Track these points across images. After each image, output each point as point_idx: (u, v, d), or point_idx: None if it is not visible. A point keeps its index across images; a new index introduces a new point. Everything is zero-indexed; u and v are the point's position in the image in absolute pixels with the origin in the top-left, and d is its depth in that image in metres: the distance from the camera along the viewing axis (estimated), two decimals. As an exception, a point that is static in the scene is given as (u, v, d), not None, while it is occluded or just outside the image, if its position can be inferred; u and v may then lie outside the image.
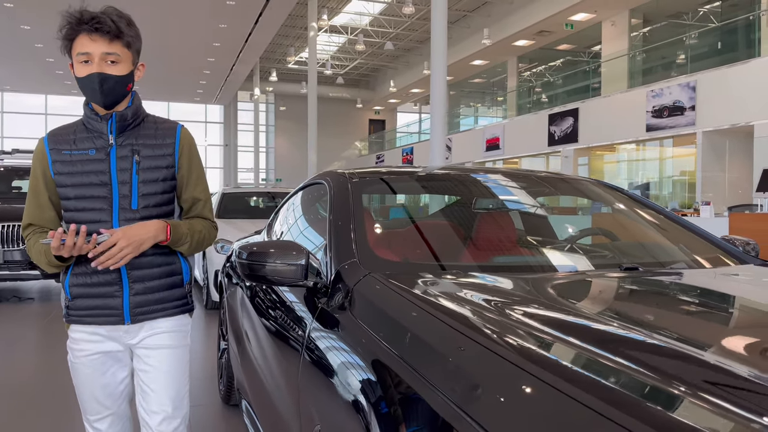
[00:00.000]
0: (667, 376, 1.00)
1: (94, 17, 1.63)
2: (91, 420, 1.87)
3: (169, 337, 1.84)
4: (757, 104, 10.79)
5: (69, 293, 1.77)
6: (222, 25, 16.88)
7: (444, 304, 1.48)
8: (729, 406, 0.89)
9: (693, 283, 1.87)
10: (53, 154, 1.75)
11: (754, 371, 1.05)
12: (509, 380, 1.05)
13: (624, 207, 2.65)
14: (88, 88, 1.68)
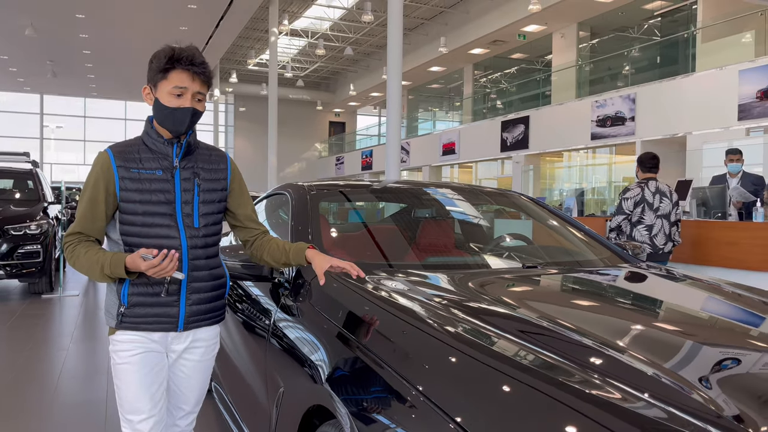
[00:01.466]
0: (544, 342, 1.50)
1: (201, 61, 1.83)
2: (134, 422, 1.90)
3: (206, 351, 2.02)
4: (690, 117, 11.64)
5: (126, 301, 1.86)
6: (182, 27, 17.00)
7: (384, 294, 1.95)
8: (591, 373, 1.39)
9: (577, 276, 2.39)
10: (121, 171, 1.84)
11: (620, 344, 1.56)
12: (435, 349, 1.52)
13: (539, 216, 3.18)
14: (177, 118, 1.83)
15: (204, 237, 1.93)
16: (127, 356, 1.89)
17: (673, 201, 5.14)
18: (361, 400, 1.50)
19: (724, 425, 1.18)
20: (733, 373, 1.47)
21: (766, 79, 10.19)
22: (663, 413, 1.22)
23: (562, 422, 1.21)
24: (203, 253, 1.93)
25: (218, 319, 2.05)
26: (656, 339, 1.69)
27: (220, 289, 2.02)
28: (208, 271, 1.95)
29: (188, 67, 1.81)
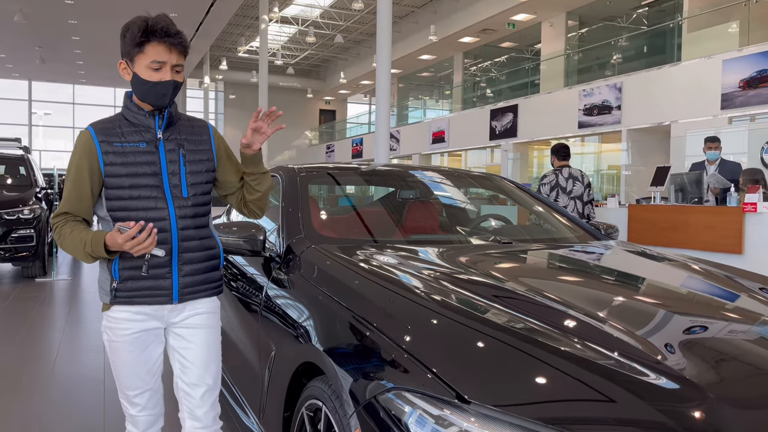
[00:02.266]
0: (513, 303, 1.67)
1: (176, 31, 1.77)
2: (130, 396, 1.93)
3: (207, 317, 1.97)
4: (674, 106, 11.84)
5: (118, 276, 1.83)
6: (172, 14, 16.97)
7: (364, 265, 2.11)
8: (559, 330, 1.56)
9: (549, 251, 2.56)
10: (104, 146, 1.82)
11: (590, 310, 1.73)
12: (415, 311, 1.69)
13: (519, 198, 3.35)
14: (157, 92, 1.80)
15: (193, 207, 1.90)
16: (122, 334, 1.87)
17: (584, 184, 5.87)
18: (348, 356, 1.66)
19: (677, 376, 1.35)
20: (695, 337, 1.65)
21: (748, 68, 10.38)
22: (621, 366, 1.40)
23: (525, 370, 1.38)
24: (193, 223, 1.90)
25: (215, 291, 2.00)
26: (616, 302, 1.86)
27: (214, 260, 1.97)
28: (198, 241, 1.92)
29: (164, 39, 1.76)
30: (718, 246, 5.31)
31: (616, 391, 1.31)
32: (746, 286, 2.14)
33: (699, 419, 1.26)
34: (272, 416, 2.17)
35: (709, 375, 1.40)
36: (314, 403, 1.78)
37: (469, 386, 1.34)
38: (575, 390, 1.33)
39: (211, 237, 1.98)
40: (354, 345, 1.68)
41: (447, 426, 1.29)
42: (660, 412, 1.26)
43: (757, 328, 1.72)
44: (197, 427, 1.95)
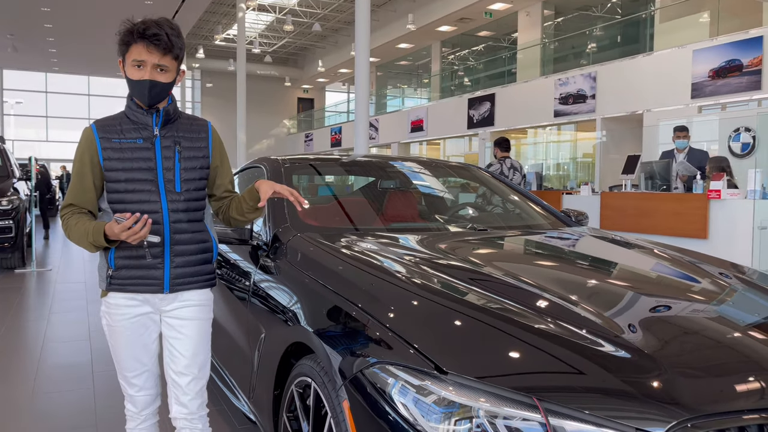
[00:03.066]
0: (487, 284, 1.81)
1: (155, 33, 1.84)
2: (129, 377, 2.04)
3: (199, 310, 2.04)
4: (647, 95, 12.11)
5: (113, 264, 1.94)
6: (147, 1, 16.78)
7: (348, 251, 2.24)
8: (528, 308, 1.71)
9: (521, 238, 2.71)
10: (103, 142, 1.93)
11: (557, 290, 1.88)
12: (397, 292, 1.82)
13: (492, 187, 3.50)
14: (138, 90, 1.91)
15: (186, 201, 1.97)
16: (118, 318, 1.97)
17: (522, 174, 6.87)
18: (336, 334, 1.79)
19: (638, 350, 1.51)
20: (657, 316, 1.81)
21: (718, 58, 10.66)
22: (587, 341, 1.55)
23: (498, 345, 1.53)
24: (185, 216, 1.97)
25: (207, 283, 2.07)
26: (584, 285, 2.02)
27: (206, 253, 2.04)
28: (191, 234, 1.99)
29: (140, 39, 1.84)
30: (684, 231, 5.54)
31: (582, 363, 1.46)
32: (707, 270, 2.30)
33: (657, 387, 1.41)
34: (262, 395, 2.30)
35: (668, 349, 1.55)
36: (304, 380, 1.91)
37: (447, 359, 1.48)
38: (544, 363, 1.47)
39: (204, 231, 2.05)
40: (341, 325, 1.81)
41: (427, 395, 1.44)
42: (622, 382, 1.42)
43: (713, 307, 1.89)
44: (183, 413, 2.05)
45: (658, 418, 1.34)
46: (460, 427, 1.38)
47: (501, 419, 1.36)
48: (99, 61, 24.08)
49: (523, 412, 1.36)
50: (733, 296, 2.03)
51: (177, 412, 2.05)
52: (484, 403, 1.38)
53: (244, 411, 2.67)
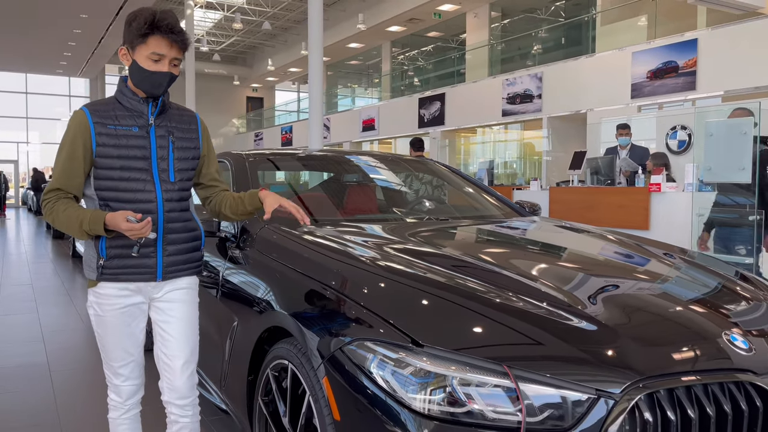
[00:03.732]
0: (448, 265, 1.93)
1: (180, 29, 1.90)
2: (115, 367, 2.04)
3: (187, 293, 2.09)
4: (591, 95, 12.58)
5: (105, 254, 1.93)
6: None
7: (318, 240, 2.32)
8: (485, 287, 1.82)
9: (481, 226, 2.85)
10: (98, 127, 1.91)
11: (508, 270, 2.00)
12: (365, 273, 1.91)
13: (449, 180, 3.63)
14: (153, 82, 1.91)
15: (179, 191, 2.02)
16: (107, 308, 1.98)
17: None
18: (312, 316, 1.87)
19: (595, 321, 1.65)
20: (611, 292, 1.96)
21: (655, 60, 11.18)
22: (549, 314, 1.68)
23: (468, 320, 1.64)
24: (178, 206, 2.02)
25: (196, 270, 2.12)
26: (543, 265, 2.16)
27: (195, 241, 2.09)
28: (182, 223, 2.04)
29: (168, 35, 1.87)
30: (627, 223, 5.83)
31: (546, 334, 1.59)
32: (653, 251, 2.49)
33: (612, 354, 1.55)
34: (234, 382, 2.35)
35: (622, 321, 1.70)
36: (280, 363, 1.98)
37: (422, 334, 1.58)
38: (512, 335, 1.59)
39: (192, 219, 2.09)
40: (317, 307, 1.89)
41: (404, 367, 1.54)
42: (583, 350, 1.55)
43: (659, 284, 2.06)
44: (175, 397, 2.08)
45: (614, 380, 1.48)
46: (436, 396, 1.49)
47: (474, 386, 1.48)
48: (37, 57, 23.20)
49: (495, 378, 1.47)
50: (676, 274, 2.21)
51: (169, 397, 2.08)
52: (458, 372, 1.49)
53: (214, 402, 2.71)
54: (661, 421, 1.45)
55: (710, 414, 1.48)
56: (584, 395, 1.45)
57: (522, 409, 1.44)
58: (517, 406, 1.45)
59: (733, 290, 2.10)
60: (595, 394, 1.45)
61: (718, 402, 1.51)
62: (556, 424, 1.44)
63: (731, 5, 6.16)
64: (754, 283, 2.25)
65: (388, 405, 1.52)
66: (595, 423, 1.43)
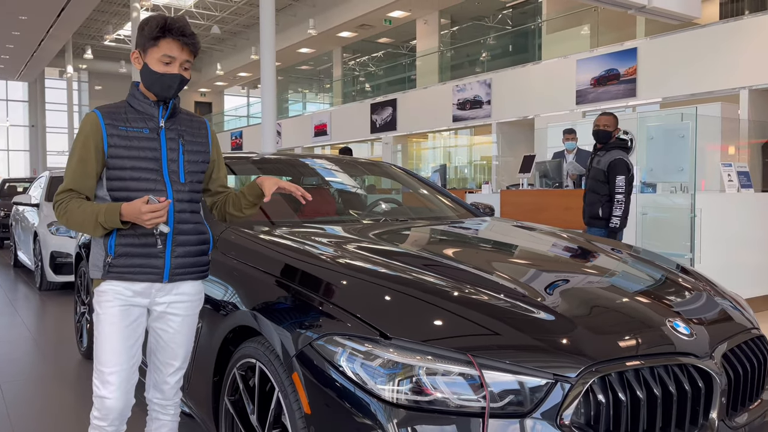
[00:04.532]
0: (407, 261, 1.99)
1: (191, 32, 1.95)
2: (105, 373, 1.95)
3: (190, 306, 2.09)
4: (538, 101, 12.95)
5: (113, 251, 1.94)
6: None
7: (281, 240, 2.36)
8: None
9: (438, 226, 2.94)
10: (109, 129, 1.94)
11: (465, 265, 2.08)
12: (328, 269, 1.96)
13: (405, 182, 3.72)
14: (164, 84, 1.95)
15: (189, 192, 2.04)
16: (109, 307, 1.95)
17: None
18: (280, 313, 1.91)
19: (551, 311, 1.75)
20: (565, 286, 2.07)
21: (598, 68, 11.61)
22: (508, 305, 1.77)
23: (432, 313, 1.72)
24: (188, 207, 2.03)
25: (203, 274, 2.11)
26: (500, 261, 2.26)
27: (204, 245, 2.09)
28: (193, 225, 2.04)
29: (179, 37, 1.92)
30: (576, 224, 6.04)
31: (506, 325, 1.68)
32: (601, 247, 2.63)
33: (567, 342, 1.65)
34: (199, 384, 2.35)
35: (575, 311, 1.80)
36: (247, 362, 2.01)
37: (389, 326, 1.65)
38: (474, 326, 1.67)
39: (202, 223, 2.10)
40: (284, 305, 1.93)
41: (373, 359, 1.60)
42: (538, 339, 1.65)
43: (609, 278, 2.18)
44: (159, 397, 2.13)
45: (570, 365, 1.57)
46: (404, 387, 1.55)
47: (440, 375, 1.55)
48: (-28, 60, 22.23)
49: (460, 367, 1.55)
50: (624, 268, 2.35)
51: (153, 397, 2.13)
52: (425, 362, 1.56)
53: (176, 405, 2.70)
54: (613, 402, 1.56)
55: (657, 394, 1.60)
56: (543, 380, 1.54)
57: (486, 396, 1.52)
58: (481, 393, 1.53)
59: (675, 282, 2.25)
60: (552, 379, 1.54)
61: (663, 383, 1.63)
62: (517, 408, 1.53)
63: (668, 16, 6.49)
64: (693, 275, 2.41)
65: (358, 396, 1.58)
66: (553, 405, 1.52)
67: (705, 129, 8.89)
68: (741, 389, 1.82)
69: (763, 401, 1.93)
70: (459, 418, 1.51)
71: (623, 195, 4.88)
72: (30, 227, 7.70)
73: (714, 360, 1.74)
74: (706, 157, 8.63)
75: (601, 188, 5.01)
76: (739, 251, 5.64)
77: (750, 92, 9.28)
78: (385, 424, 1.53)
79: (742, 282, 5.51)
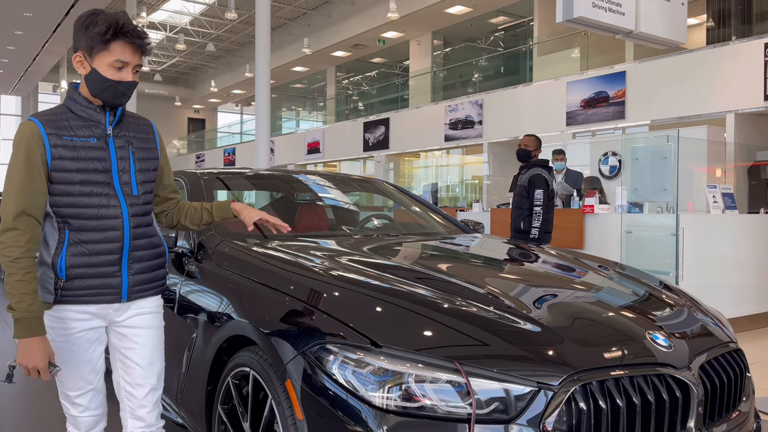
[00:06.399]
0: (397, 274, 2.06)
1: (143, 33, 1.78)
2: (71, 396, 1.88)
3: (152, 318, 1.95)
4: (529, 122, 13.13)
5: (64, 275, 1.78)
6: (27, 13, 15.88)
7: (275, 253, 2.42)
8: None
9: (430, 241, 3.01)
10: (52, 139, 1.75)
11: (451, 277, 2.15)
12: (321, 280, 2.03)
13: (397, 199, 3.80)
14: (115, 91, 1.78)
15: (143, 205, 1.91)
16: (65, 333, 1.83)
17: None
18: (275, 323, 1.96)
19: (538, 323, 1.82)
20: (552, 301, 2.14)
21: (588, 90, 11.82)
22: (496, 317, 1.84)
23: (421, 323, 1.78)
24: (143, 221, 1.91)
25: (160, 289, 2.01)
26: (490, 275, 2.33)
27: (160, 258, 1.98)
28: (147, 239, 1.92)
29: (134, 40, 1.76)
30: (564, 242, 6.14)
31: (493, 336, 1.75)
32: (589, 264, 2.71)
33: (551, 352, 1.72)
34: (192, 394, 2.39)
35: (561, 324, 1.87)
36: (241, 371, 2.06)
37: (380, 335, 1.71)
38: (462, 337, 1.74)
39: (156, 235, 1.98)
40: (279, 314, 1.99)
41: (364, 366, 1.66)
42: (523, 349, 1.71)
43: (594, 293, 2.26)
44: (139, 426, 1.93)
45: (553, 374, 1.64)
46: (394, 394, 1.61)
47: (428, 383, 1.61)
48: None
49: (447, 375, 1.61)
50: (608, 284, 2.43)
51: (133, 427, 1.94)
52: (414, 369, 1.62)
53: (169, 417, 2.73)
54: (594, 409, 1.63)
55: (636, 403, 1.67)
56: (527, 388, 1.61)
57: (472, 403, 1.58)
58: (468, 400, 1.59)
59: (657, 297, 2.33)
60: (536, 387, 1.61)
61: (643, 392, 1.70)
62: (502, 415, 1.59)
63: (655, 41, 6.66)
64: (676, 291, 2.49)
65: (350, 402, 1.64)
66: (536, 412, 1.59)
67: (692, 151, 9.07)
68: (718, 400, 1.89)
69: (741, 412, 2.00)
70: (446, 423, 1.58)
71: (541, 208, 5.26)
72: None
73: (692, 371, 1.81)
74: (693, 179, 8.80)
75: (523, 203, 5.41)
76: (722, 271, 5.75)
77: (736, 116, 9.47)
78: (375, 429, 1.59)
79: (725, 301, 5.61)
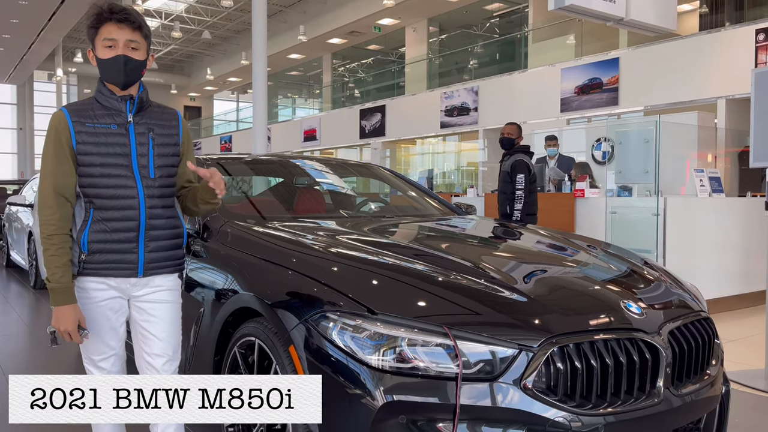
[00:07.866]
0: (390, 249, 2.22)
1: (122, 9, 1.90)
2: (96, 360, 2.04)
3: (169, 293, 2.09)
4: (524, 109, 13.25)
5: (87, 248, 1.96)
6: (22, 1, 15.87)
7: (277, 232, 2.58)
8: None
9: (424, 222, 3.17)
10: (77, 126, 1.93)
11: (452, 256, 2.31)
12: (320, 254, 2.18)
13: (392, 183, 3.95)
14: (112, 69, 1.92)
15: (160, 187, 2.03)
16: (89, 302, 1.99)
17: None
18: (278, 295, 2.12)
19: (525, 295, 1.98)
20: (541, 275, 2.29)
21: (582, 76, 11.94)
22: (486, 288, 2.00)
23: (415, 293, 1.94)
24: (160, 202, 2.03)
25: (178, 267, 2.12)
26: (481, 251, 2.49)
27: (178, 238, 2.11)
28: (165, 220, 2.05)
29: (110, 16, 1.90)
30: (555, 225, 6.30)
31: (480, 304, 1.90)
32: (578, 243, 2.87)
33: (533, 319, 1.88)
34: (201, 363, 2.55)
35: (545, 294, 2.03)
36: (247, 340, 2.21)
37: (376, 304, 1.87)
38: (452, 305, 1.90)
39: (176, 217, 2.11)
40: (281, 286, 2.15)
41: (361, 332, 1.81)
42: (507, 316, 1.87)
43: (581, 268, 2.42)
44: None
45: (533, 337, 1.80)
46: (388, 356, 1.77)
47: (420, 346, 1.77)
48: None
49: (437, 338, 1.77)
50: (593, 260, 2.59)
51: None
52: (407, 334, 1.78)
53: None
54: (570, 369, 1.79)
55: (609, 363, 1.83)
56: (509, 350, 1.77)
57: (459, 364, 1.75)
58: (456, 361, 1.75)
59: (638, 273, 2.49)
60: (518, 349, 1.77)
61: (615, 354, 1.86)
62: (487, 374, 1.75)
63: (645, 28, 6.78)
64: (655, 268, 2.65)
65: (349, 365, 1.80)
66: (518, 372, 1.75)
67: (684, 137, 9.22)
68: (686, 363, 2.06)
69: (709, 375, 2.16)
70: (436, 381, 1.74)
71: (522, 191, 5.49)
72: (24, 227, 7.83)
73: (662, 336, 1.98)
74: (684, 165, 8.96)
75: (507, 188, 5.64)
76: (708, 252, 5.92)
77: (727, 101, 9.62)
78: (372, 388, 1.75)
79: (707, 282, 5.77)
